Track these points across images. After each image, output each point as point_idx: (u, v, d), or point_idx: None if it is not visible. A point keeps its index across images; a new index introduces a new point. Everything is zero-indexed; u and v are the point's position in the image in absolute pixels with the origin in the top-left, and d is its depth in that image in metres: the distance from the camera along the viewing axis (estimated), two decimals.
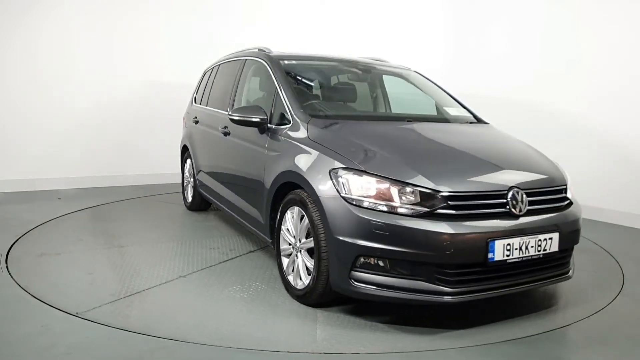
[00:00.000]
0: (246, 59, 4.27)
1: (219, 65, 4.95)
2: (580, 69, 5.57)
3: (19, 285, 3.14)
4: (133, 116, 6.75)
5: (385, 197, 2.61)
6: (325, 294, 2.83)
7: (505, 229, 2.63)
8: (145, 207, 5.64)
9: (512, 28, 6.29)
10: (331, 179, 2.74)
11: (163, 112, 6.89)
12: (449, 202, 2.58)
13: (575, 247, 3.11)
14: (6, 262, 3.57)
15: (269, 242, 3.45)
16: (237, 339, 2.55)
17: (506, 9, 6.36)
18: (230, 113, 3.60)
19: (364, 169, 2.69)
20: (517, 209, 2.70)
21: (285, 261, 3.16)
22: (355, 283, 2.64)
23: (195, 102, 5.33)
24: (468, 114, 3.98)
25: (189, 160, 5.34)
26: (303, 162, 3.00)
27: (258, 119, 3.46)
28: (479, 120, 3.90)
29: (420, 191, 2.59)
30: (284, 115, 3.41)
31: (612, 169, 5.38)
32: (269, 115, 3.52)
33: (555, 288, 3.36)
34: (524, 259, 2.67)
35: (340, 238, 2.63)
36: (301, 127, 3.21)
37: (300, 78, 3.95)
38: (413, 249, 2.52)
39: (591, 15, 5.49)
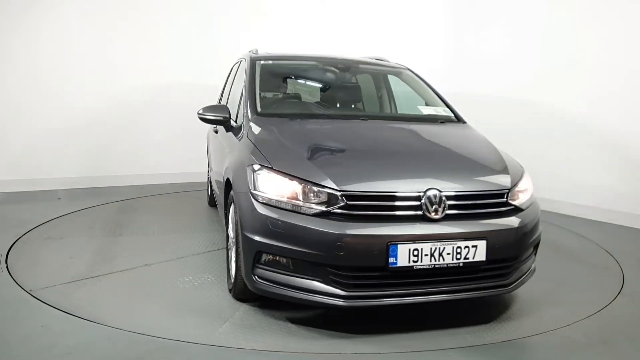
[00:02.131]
0: (241, 60, 4.37)
1: (232, 67, 5.08)
2: (580, 69, 5.57)
3: (19, 286, 3.14)
4: (133, 116, 6.73)
5: (289, 195, 2.58)
6: (247, 290, 2.81)
7: (413, 233, 2.47)
8: (175, 202, 5.80)
9: (512, 28, 6.28)
10: (246, 176, 2.76)
11: (163, 112, 6.89)
12: (348, 202, 2.50)
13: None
14: (6, 262, 3.57)
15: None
16: (148, 326, 2.62)
17: (506, 9, 6.36)
18: (199, 112, 3.65)
19: (272, 167, 2.69)
20: (433, 213, 2.55)
21: (229, 255, 3.21)
22: (258, 279, 2.64)
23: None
24: (445, 113, 3.75)
25: None
26: (235, 159, 3.07)
27: (221, 117, 3.54)
28: (459, 120, 3.72)
29: (321, 190, 2.54)
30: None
31: (612, 169, 5.38)
32: (235, 114, 3.57)
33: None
34: (436, 266, 2.50)
35: (246, 234, 2.64)
36: (247, 125, 3.25)
37: (272, 78, 3.96)
38: (306, 249, 2.47)
39: (591, 15, 5.49)
